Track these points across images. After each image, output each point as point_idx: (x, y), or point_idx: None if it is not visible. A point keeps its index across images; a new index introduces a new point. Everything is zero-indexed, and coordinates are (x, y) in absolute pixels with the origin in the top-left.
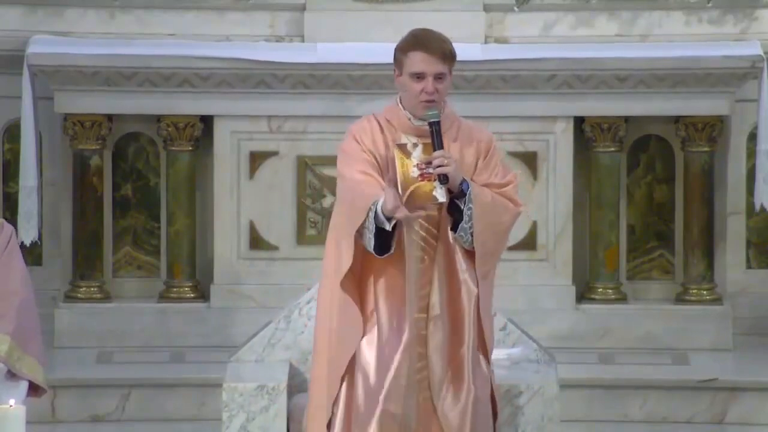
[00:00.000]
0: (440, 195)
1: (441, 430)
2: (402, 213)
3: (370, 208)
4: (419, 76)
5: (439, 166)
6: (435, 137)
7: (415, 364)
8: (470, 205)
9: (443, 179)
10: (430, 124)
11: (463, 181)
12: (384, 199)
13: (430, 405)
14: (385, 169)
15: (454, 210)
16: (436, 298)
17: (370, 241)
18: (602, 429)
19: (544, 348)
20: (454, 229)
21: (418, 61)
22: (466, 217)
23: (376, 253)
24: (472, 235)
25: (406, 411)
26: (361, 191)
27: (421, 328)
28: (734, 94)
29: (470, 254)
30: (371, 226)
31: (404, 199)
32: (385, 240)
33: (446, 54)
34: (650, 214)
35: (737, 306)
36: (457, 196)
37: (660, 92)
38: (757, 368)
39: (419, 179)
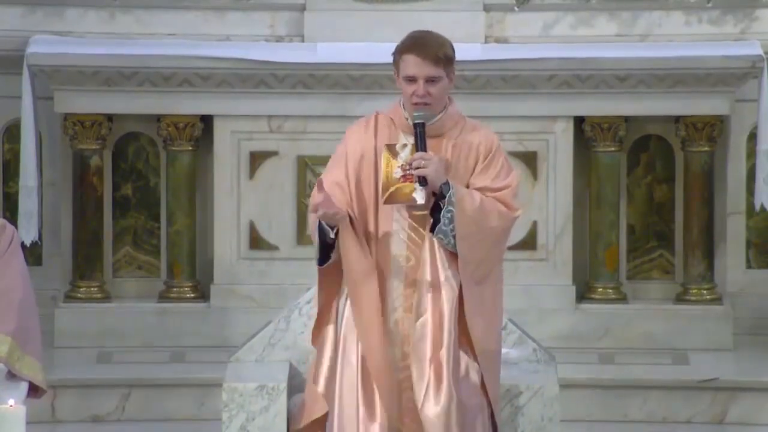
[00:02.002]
0: (419, 197)
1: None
2: (320, 211)
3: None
4: (411, 79)
5: (419, 167)
6: (417, 139)
7: (399, 364)
8: (450, 208)
9: (422, 181)
10: (415, 126)
11: (446, 183)
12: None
13: (413, 405)
14: (369, 168)
15: (439, 212)
16: (420, 299)
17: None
18: (602, 429)
19: (544, 348)
20: (433, 230)
21: (410, 64)
22: (445, 220)
23: (318, 264)
24: (454, 238)
25: (388, 411)
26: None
27: (405, 328)
28: (734, 94)
29: (454, 255)
30: (314, 238)
31: (384, 199)
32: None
33: (439, 57)
34: (650, 214)
35: (737, 306)
36: (441, 198)
37: (660, 92)
38: (757, 368)
39: (401, 180)
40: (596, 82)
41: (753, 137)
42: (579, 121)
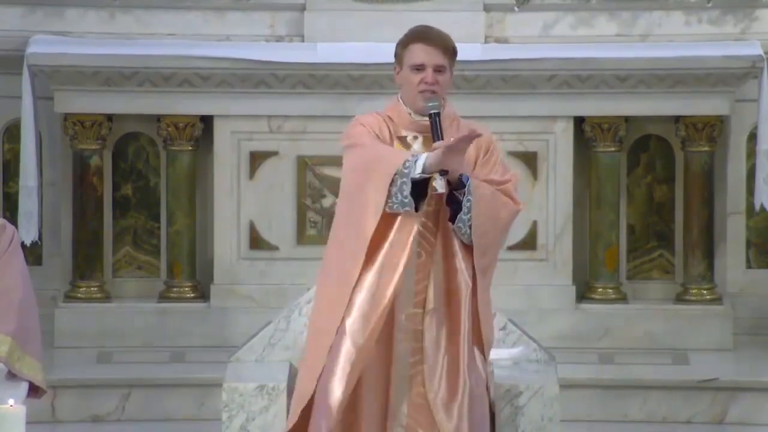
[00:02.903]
0: (439, 185)
1: (435, 426)
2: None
3: (412, 155)
4: (419, 68)
5: None
6: (435, 128)
7: (409, 359)
8: (469, 197)
9: (442, 170)
10: (430, 115)
11: (463, 173)
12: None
13: (423, 401)
14: None
15: (453, 202)
16: (432, 293)
17: (404, 186)
18: (602, 429)
19: (544, 348)
20: (452, 220)
21: (418, 52)
22: (465, 209)
23: (414, 203)
24: (470, 228)
25: (398, 406)
26: (386, 148)
27: (416, 323)
28: (734, 94)
29: (468, 248)
30: (410, 170)
31: None
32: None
33: (447, 47)
34: (650, 214)
35: (737, 306)
36: (456, 188)
37: (660, 92)
38: (757, 368)
39: None
40: (596, 82)
41: (753, 137)
42: (579, 121)
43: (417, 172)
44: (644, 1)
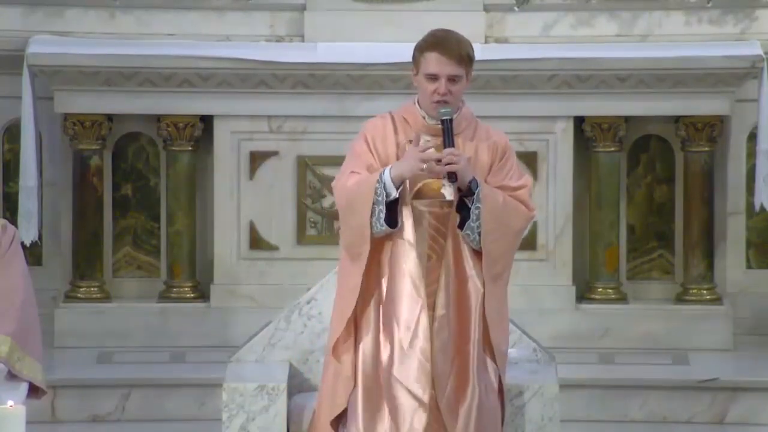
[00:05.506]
0: (448, 192)
1: (444, 429)
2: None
3: (377, 181)
4: (433, 77)
5: (448, 163)
6: (446, 135)
7: None
8: (478, 204)
9: (452, 177)
10: (442, 122)
11: (473, 179)
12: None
13: (434, 403)
14: (392, 163)
15: (464, 208)
16: (442, 297)
17: (381, 214)
18: (602, 429)
19: (544, 348)
20: (461, 227)
21: (432, 61)
22: (473, 216)
23: (388, 226)
24: (479, 235)
25: None
26: (361, 180)
27: (426, 325)
28: (734, 94)
29: (478, 253)
30: (381, 197)
31: (412, 194)
32: (392, 214)
33: (462, 57)
34: (650, 214)
35: (737, 306)
36: (466, 195)
37: (660, 92)
38: (757, 368)
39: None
40: (596, 82)
41: (753, 137)
42: (579, 121)
43: (392, 194)
44: (644, 1)
